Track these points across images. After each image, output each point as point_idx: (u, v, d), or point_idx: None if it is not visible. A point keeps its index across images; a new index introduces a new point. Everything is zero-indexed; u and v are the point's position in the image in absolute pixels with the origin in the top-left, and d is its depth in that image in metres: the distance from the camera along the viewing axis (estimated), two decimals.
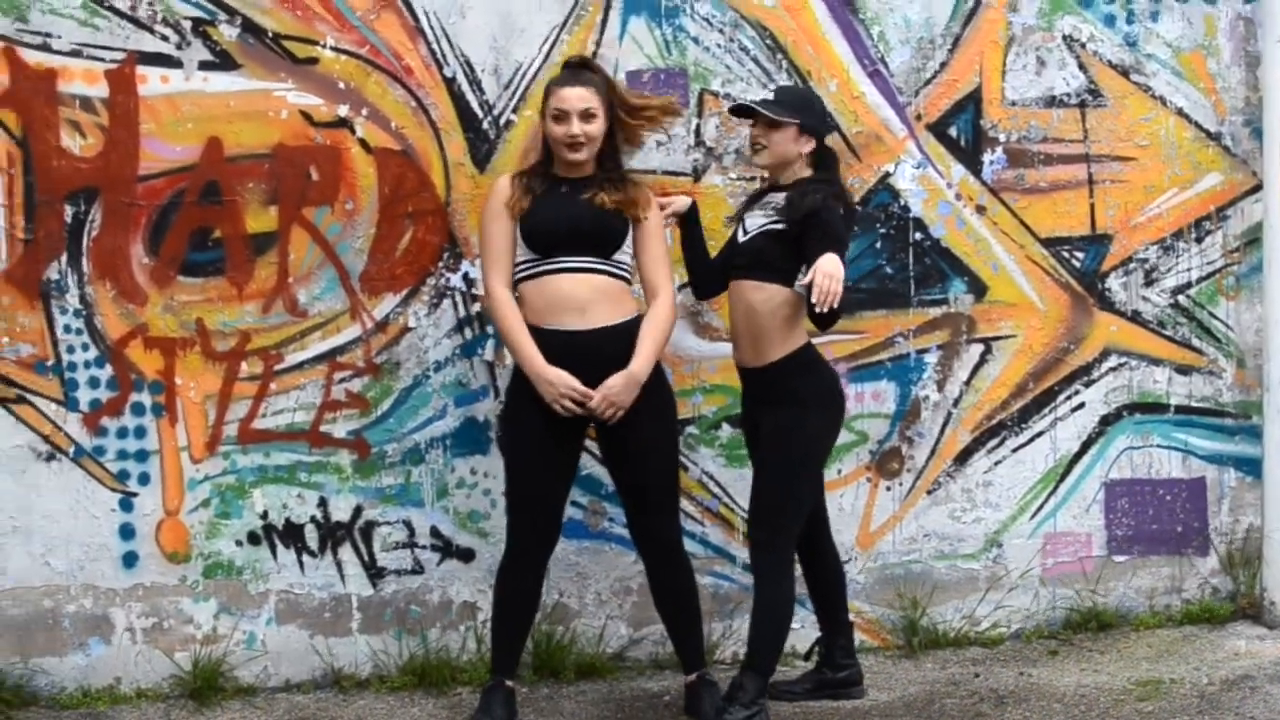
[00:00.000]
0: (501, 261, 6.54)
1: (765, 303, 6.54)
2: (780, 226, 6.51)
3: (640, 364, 6.47)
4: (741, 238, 6.69)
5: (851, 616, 7.10)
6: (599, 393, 6.41)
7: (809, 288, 6.16)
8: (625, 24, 7.19)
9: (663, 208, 6.79)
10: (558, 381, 6.40)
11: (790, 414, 6.54)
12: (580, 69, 6.60)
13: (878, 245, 7.42)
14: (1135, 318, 7.68)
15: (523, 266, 6.53)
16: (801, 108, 6.67)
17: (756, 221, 6.64)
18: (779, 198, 6.61)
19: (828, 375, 6.70)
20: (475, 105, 7.12)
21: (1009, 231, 7.52)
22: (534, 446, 6.53)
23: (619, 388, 6.43)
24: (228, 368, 7.04)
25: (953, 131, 7.46)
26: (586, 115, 6.48)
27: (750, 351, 6.62)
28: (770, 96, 6.87)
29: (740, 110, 6.74)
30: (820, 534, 6.91)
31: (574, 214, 6.50)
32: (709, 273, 6.91)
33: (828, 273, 6.13)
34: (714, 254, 6.92)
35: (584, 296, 6.48)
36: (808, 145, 6.64)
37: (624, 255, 6.57)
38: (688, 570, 6.71)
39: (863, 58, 7.37)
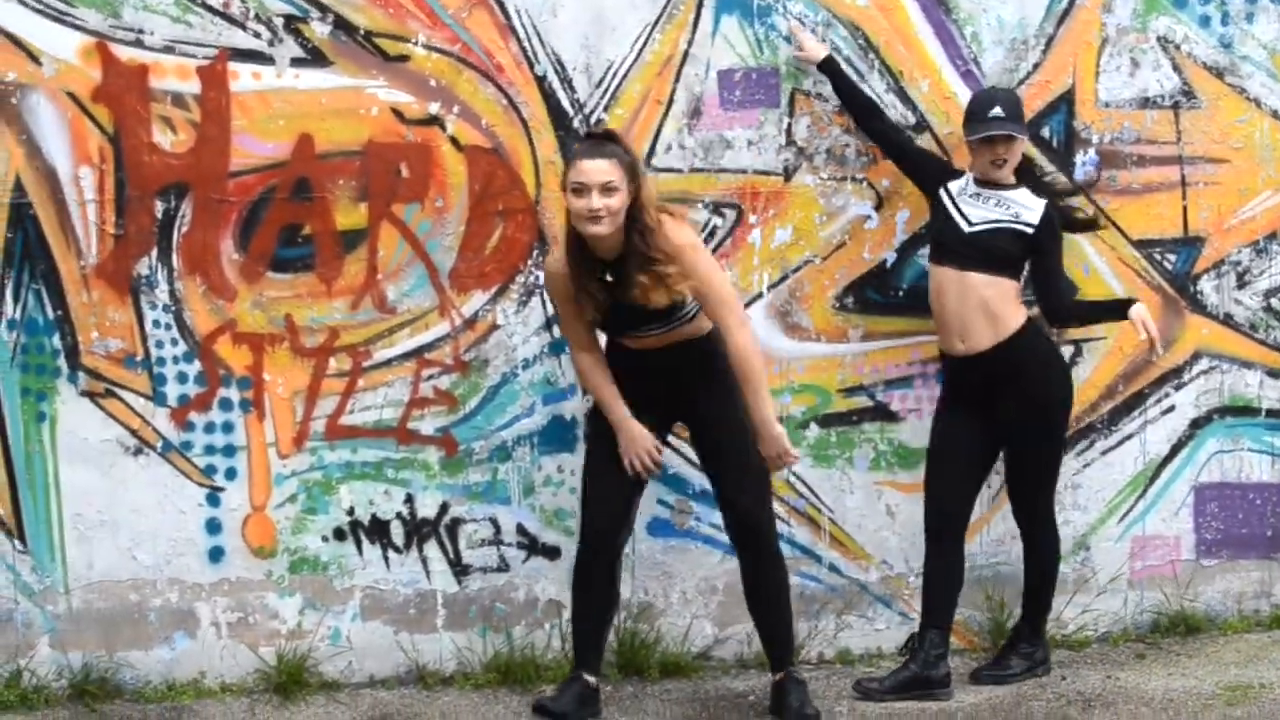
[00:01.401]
0: (580, 335, 6.70)
1: (1000, 297, 6.90)
2: (1028, 230, 6.90)
3: (761, 412, 6.53)
4: (966, 227, 6.89)
5: None
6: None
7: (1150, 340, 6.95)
8: (717, 22, 7.15)
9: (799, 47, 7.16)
10: (639, 439, 6.56)
11: (1041, 385, 6.94)
12: (603, 141, 6.51)
13: None
14: (1227, 320, 7.63)
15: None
16: (1022, 115, 7.00)
17: (987, 215, 6.88)
18: (1011, 197, 6.93)
19: (1055, 347, 7.27)
20: (566, 103, 7.09)
21: (1101, 233, 7.45)
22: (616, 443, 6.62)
23: (780, 443, 6.60)
24: (316, 364, 7.04)
25: (1045, 132, 7.41)
26: (607, 189, 6.35)
27: (987, 333, 6.90)
28: (1001, 113, 6.91)
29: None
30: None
31: (631, 318, 6.55)
32: (880, 133, 7.23)
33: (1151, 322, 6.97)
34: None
35: (658, 342, 6.60)
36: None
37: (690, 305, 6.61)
38: (779, 564, 6.71)
39: (955, 58, 7.33)
